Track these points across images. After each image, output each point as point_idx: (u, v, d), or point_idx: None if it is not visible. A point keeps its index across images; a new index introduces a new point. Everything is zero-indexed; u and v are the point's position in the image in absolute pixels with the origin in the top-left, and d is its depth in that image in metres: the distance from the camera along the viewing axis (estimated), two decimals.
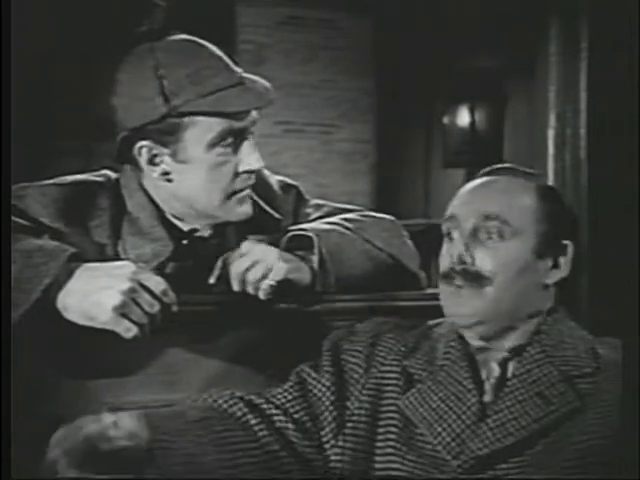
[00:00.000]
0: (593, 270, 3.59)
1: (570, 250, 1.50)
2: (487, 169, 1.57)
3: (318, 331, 1.68)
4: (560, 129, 3.70)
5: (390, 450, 1.49)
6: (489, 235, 1.46)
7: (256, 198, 1.86)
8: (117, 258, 1.67)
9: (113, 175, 1.82)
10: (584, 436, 1.37)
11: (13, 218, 1.61)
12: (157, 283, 1.51)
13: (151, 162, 1.72)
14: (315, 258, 1.71)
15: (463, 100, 4.85)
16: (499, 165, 1.57)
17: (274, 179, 1.96)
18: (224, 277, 1.72)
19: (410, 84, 5.07)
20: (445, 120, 4.96)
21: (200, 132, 1.69)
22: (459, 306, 1.47)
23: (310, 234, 1.73)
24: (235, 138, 1.71)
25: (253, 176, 1.76)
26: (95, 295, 1.48)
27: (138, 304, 1.49)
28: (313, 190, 2.03)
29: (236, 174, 1.73)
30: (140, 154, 1.72)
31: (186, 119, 1.68)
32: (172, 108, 1.67)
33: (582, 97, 3.65)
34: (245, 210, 1.77)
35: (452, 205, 1.52)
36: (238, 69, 1.74)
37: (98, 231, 1.73)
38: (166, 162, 1.71)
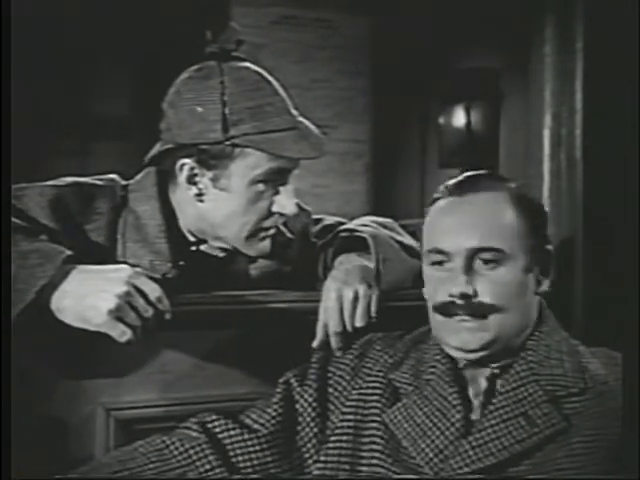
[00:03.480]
0: (588, 273, 3.59)
1: (552, 254, 1.49)
2: (451, 184, 1.51)
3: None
4: (556, 129, 3.69)
5: (375, 462, 1.47)
6: (485, 262, 1.43)
7: None
8: (114, 262, 1.67)
9: (120, 180, 1.81)
10: (568, 459, 1.35)
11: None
12: (152, 289, 1.50)
13: (189, 181, 1.72)
14: (373, 261, 1.72)
15: (459, 100, 4.86)
16: (459, 178, 1.52)
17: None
18: (225, 278, 1.73)
19: (406, 84, 5.07)
20: (441, 120, 4.97)
21: (248, 166, 1.69)
22: (464, 335, 1.44)
23: (365, 235, 1.76)
24: (277, 180, 1.71)
25: (283, 218, 1.77)
26: (90, 298, 1.47)
27: (134, 308, 1.48)
28: (309, 191, 2.04)
29: (269, 213, 1.73)
30: (181, 170, 1.71)
31: (237, 150, 1.68)
32: (228, 137, 1.67)
33: (578, 97, 3.64)
34: (264, 247, 1.77)
35: (435, 238, 1.48)
36: (295, 112, 1.74)
37: (94, 234, 1.72)
38: (204, 184, 1.71)
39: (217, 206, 1.72)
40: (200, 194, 1.72)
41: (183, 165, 1.71)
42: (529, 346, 1.46)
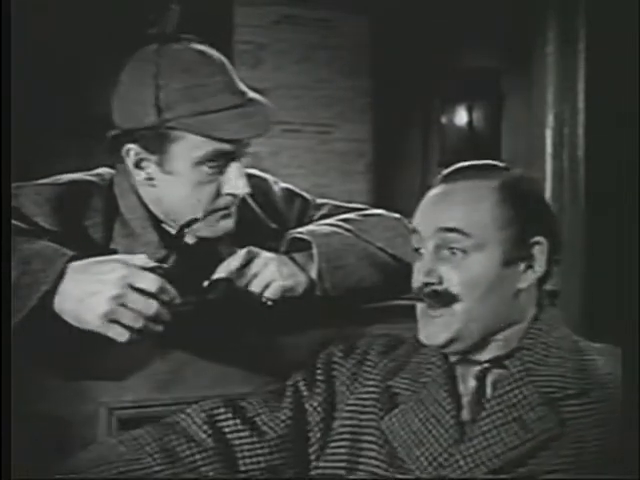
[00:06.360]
0: (589, 272, 3.59)
1: (544, 247, 1.42)
2: (447, 171, 1.49)
3: (318, 332, 1.68)
4: (558, 129, 3.71)
5: (373, 469, 1.44)
6: (452, 251, 1.40)
7: (254, 206, 1.84)
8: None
9: (107, 175, 1.80)
10: (560, 465, 1.31)
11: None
12: (151, 282, 1.47)
13: (137, 166, 1.71)
14: (314, 266, 1.68)
15: (461, 99, 4.86)
16: (459, 165, 1.49)
17: (278, 187, 1.94)
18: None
19: (407, 83, 5.07)
20: (443, 119, 4.97)
21: (187, 149, 1.66)
22: (431, 327, 1.42)
23: (309, 238, 1.70)
24: (223, 160, 1.68)
25: (237, 199, 1.73)
26: (85, 301, 1.45)
27: (130, 308, 1.45)
28: (311, 190, 2.03)
29: (219, 194, 1.71)
30: (128, 155, 1.71)
31: (176, 132, 1.66)
32: (162, 121, 1.65)
33: (580, 97, 3.65)
34: (224, 226, 1.74)
35: (415, 218, 1.47)
36: (244, 89, 1.71)
37: (92, 232, 1.71)
38: (152, 169, 1.70)
39: (167, 190, 1.71)
40: (150, 178, 1.71)
41: (129, 150, 1.70)
42: (526, 345, 1.41)
